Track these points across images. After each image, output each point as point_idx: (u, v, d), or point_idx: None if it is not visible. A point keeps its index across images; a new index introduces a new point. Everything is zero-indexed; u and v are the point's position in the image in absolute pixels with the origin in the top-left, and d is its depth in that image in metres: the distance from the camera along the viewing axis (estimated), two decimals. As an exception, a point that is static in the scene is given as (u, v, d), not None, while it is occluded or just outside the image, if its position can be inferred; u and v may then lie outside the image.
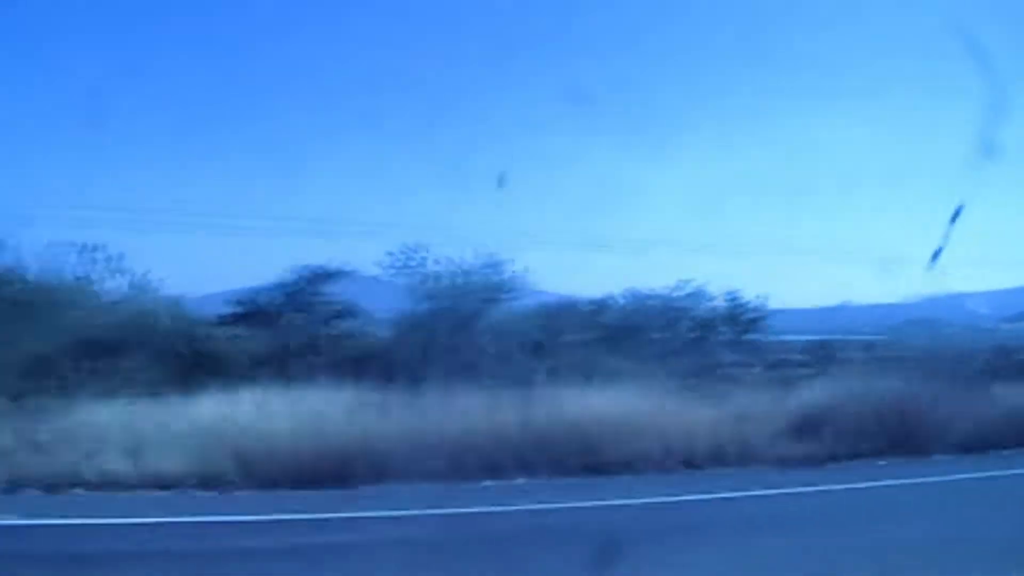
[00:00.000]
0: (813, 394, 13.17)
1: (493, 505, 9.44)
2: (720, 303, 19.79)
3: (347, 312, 16.82)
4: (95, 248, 15.52)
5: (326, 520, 8.75)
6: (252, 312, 16.36)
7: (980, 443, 12.75)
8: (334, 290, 16.81)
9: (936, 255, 9.48)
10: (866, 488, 10.69)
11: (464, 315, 16.61)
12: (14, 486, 9.71)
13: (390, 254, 16.52)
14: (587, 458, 10.83)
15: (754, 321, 19.76)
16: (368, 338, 16.77)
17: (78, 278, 15.20)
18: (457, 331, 16.57)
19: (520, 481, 10.74)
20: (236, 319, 16.24)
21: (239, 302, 16.45)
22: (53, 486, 9.71)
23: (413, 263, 16.51)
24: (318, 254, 16.73)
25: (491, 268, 16.75)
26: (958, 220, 8.87)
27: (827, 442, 12.11)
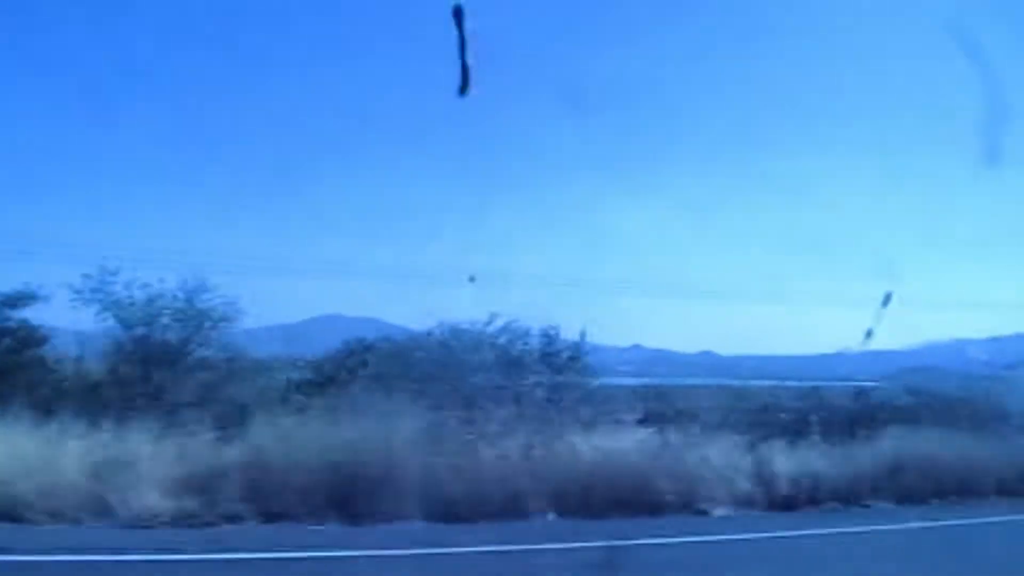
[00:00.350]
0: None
1: None
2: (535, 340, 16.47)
3: (37, 340, 14.45)
4: None
5: None
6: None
7: (457, 509, 10.24)
8: (25, 316, 14.53)
9: (868, 334, 10.50)
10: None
11: (157, 346, 13.99)
12: None
13: (85, 277, 14.05)
14: None
15: (571, 360, 16.23)
16: (61, 370, 14.37)
17: None
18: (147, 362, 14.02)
19: None
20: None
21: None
22: None
23: (105, 287, 14.00)
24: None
25: (193, 295, 14.06)
26: (889, 304, 9.75)
27: (250, 500, 9.83)
